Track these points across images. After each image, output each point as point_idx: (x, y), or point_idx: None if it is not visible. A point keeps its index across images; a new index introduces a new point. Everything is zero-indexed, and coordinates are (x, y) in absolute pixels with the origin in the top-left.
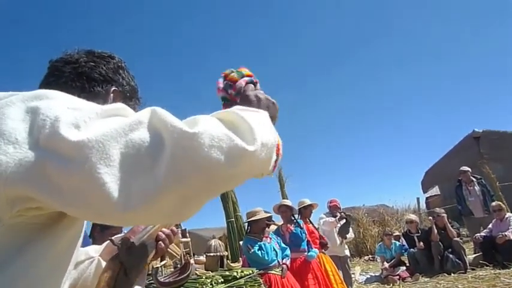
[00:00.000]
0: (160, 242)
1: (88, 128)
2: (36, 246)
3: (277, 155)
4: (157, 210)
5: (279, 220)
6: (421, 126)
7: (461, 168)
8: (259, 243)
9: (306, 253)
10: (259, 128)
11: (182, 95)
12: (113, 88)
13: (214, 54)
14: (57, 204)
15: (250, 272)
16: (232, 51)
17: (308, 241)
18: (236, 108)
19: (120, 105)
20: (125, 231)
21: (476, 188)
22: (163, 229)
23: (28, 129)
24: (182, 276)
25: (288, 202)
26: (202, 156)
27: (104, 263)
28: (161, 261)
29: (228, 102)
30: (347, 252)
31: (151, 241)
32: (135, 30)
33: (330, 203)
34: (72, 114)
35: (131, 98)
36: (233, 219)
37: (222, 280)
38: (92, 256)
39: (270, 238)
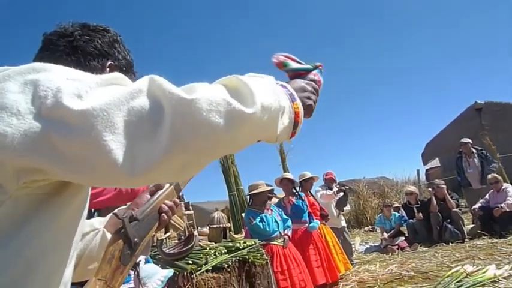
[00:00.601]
0: (163, 214)
1: (90, 97)
2: (40, 216)
3: (297, 122)
4: (160, 173)
5: (280, 193)
6: (422, 98)
7: (462, 140)
8: (260, 215)
9: (307, 224)
10: (260, 92)
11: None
12: (109, 62)
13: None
14: (64, 172)
15: (253, 242)
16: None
17: (309, 213)
18: (241, 75)
19: (118, 75)
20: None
21: (476, 159)
22: (166, 201)
23: (30, 100)
24: (186, 248)
25: (289, 175)
26: (200, 121)
27: (108, 235)
28: (166, 233)
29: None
30: (344, 224)
31: (154, 213)
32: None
33: (326, 175)
34: (73, 85)
35: (127, 72)
36: (235, 193)
37: (226, 251)
38: (97, 228)
39: (271, 210)
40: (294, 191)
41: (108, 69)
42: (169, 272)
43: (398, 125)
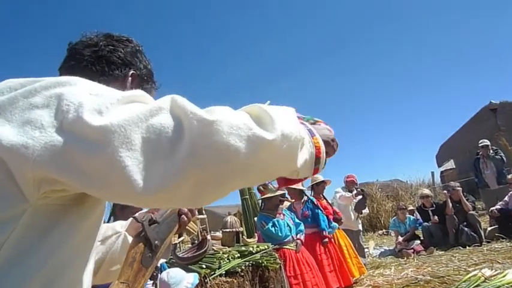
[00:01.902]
0: (183, 215)
1: (110, 113)
2: (60, 227)
3: (318, 157)
4: (175, 194)
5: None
6: (436, 99)
7: (481, 144)
8: (272, 219)
9: (318, 228)
10: (280, 120)
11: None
12: (131, 71)
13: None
14: (81, 185)
15: (266, 247)
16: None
17: (327, 216)
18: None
19: (139, 92)
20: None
21: (492, 160)
22: None
23: (53, 114)
24: (200, 252)
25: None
26: (220, 143)
27: (130, 238)
28: (179, 237)
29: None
30: (360, 227)
31: (173, 215)
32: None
33: (347, 178)
34: (95, 100)
35: (148, 81)
36: (247, 197)
37: (239, 255)
38: (119, 231)
39: (284, 214)
40: (304, 195)
41: (130, 78)
42: (195, 278)
43: (412, 127)
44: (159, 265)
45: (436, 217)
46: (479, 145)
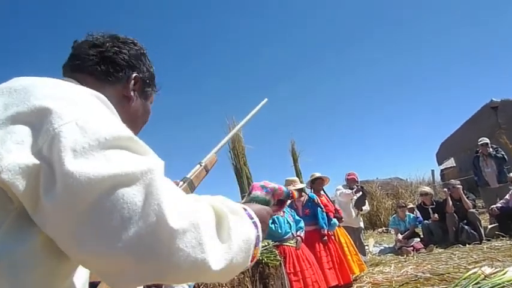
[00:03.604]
0: None
1: (84, 158)
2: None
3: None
4: (99, 269)
5: None
6: (436, 97)
7: (481, 142)
8: (272, 217)
9: (317, 225)
10: (236, 253)
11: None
12: (134, 74)
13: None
14: (31, 213)
15: (266, 244)
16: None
17: (327, 213)
18: (234, 213)
19: (126, 135)
20: None
21: (493, 158)
22: None
23: (34, 134)
24: None
25: (290, 187)
26: (165, 255)
27: None
28: None
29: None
30: (361, 224)
31: None
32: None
33: (348, 175)
34: (75, 135)
35: (149, 85)
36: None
37: None
38: None
39: (284, 211)
40: (303, 193)
41: (133, 81)
42: None
43: (412, 125)
44: None
45: (436, 215)
46: (479, 143)
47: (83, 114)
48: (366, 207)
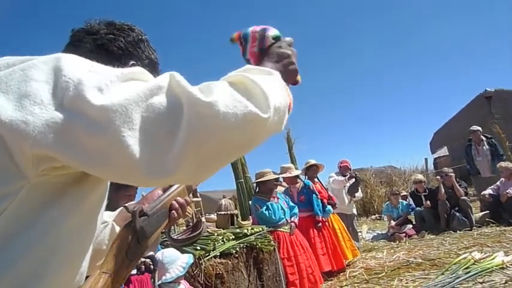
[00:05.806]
0: (173, 211)
1: (110, 91)
2: (59, 205)
3: (288, 110)
4: (175, 173)
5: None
6: (430, 86)
7: (471, 128)
8: (266, 203)
9: (312, 212)
10: (272, 93)
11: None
12: (131, 62)
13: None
14: (81, 164)
15: (260, 229)
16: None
17: (322, 200)
18: (248, 71)
19: (138, 69)
20: (143, 193)
21: (485, 147)
22: (178, 198)
23: (52, 90)
24: (194, 234)
25: (285, 175)
26: (217, 124)
27: (117, 228)
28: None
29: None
30: (354, 211)
31: (164, 210)
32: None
33: (341, 163)
34: (94, 77)
35: (151, 72)
36: (242, 180)
37: (233, 237)
38: (106, 221)
39: (278, 198)
40: (299, 180)
41: None
42: (189, 258)
43: (406, 114)
44: (157, 258)
45: (428, 202)
46: (470, 130)
47: (90, 64)
48: (359, 194)
